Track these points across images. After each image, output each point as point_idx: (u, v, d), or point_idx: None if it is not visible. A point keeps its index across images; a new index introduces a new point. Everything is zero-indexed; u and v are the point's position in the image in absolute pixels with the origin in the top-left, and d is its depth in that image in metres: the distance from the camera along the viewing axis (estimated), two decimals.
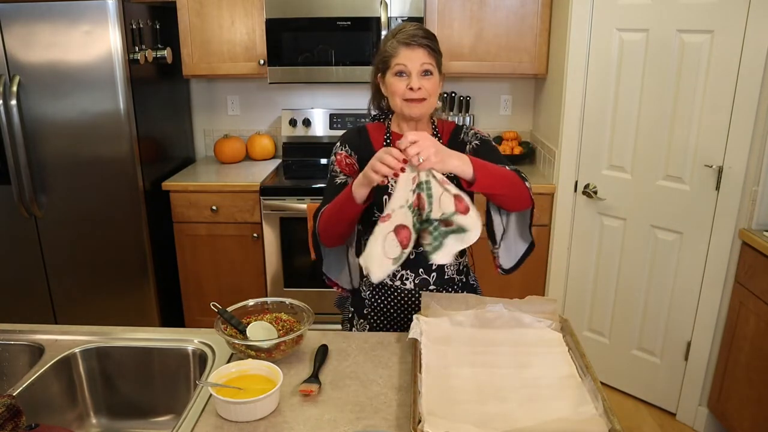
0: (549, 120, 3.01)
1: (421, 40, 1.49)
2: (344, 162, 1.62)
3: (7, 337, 1.50)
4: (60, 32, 2.60)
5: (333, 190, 1.59)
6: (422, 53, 1.49)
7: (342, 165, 1.62)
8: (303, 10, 2.93)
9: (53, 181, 2.78)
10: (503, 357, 1.34)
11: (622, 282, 2.73)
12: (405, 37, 1.50)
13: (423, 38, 1.50)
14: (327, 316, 3.04)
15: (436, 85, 1.54)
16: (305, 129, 3.39)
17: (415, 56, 1.49)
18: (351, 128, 1.72)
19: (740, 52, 2.21)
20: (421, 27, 1.54)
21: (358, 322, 1.70)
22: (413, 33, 1.50)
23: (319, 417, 1.19)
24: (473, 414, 1.14)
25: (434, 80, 1.52)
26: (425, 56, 1.50)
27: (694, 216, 2.45)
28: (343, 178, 1.61)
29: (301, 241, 2.94)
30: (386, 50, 1.53)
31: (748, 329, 2.27)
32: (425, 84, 1.50)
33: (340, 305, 1.82)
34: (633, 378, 2.80)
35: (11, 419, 1.07)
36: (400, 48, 1.50)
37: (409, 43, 1.49)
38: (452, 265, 1.65)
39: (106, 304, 2.95)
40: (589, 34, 2.58)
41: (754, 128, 2.22)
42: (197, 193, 2.97)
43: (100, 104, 2.68)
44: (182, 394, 1.47)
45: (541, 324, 1.45)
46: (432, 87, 1.52)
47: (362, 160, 1.58)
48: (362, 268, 1.67)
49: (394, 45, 1.51)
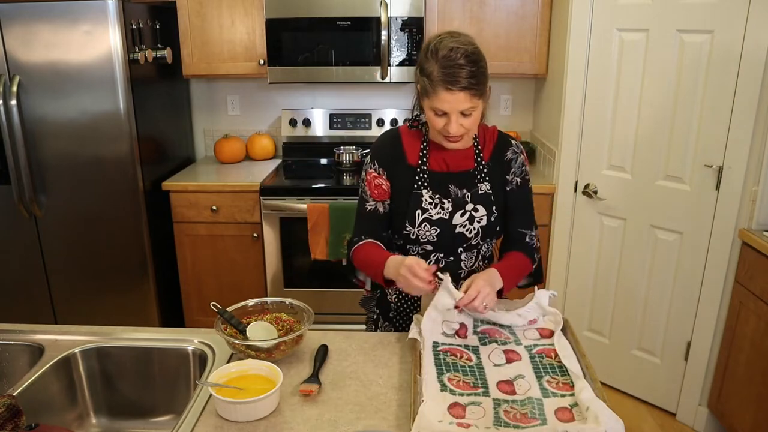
0: (549, 120, 3.01)
1: (464, 83, 1.33)
2: (373, 183, 1.55)
3: (7, 337, 1.50)
4: (60, 32, 2.60)
5: (364, 215, 1.57)
6: (464, 98, 1.35)
7: (371, 187, 1.55)
8: (303, 10, 2.93)
9: (53, 181, 2.78)
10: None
11: (622, 282, 2.73)
12: (447, 77, 1.33)
13: (467, 79, 1.33)
14: (327, 316, 3.05)
15: (477, 118, 1.42)
16: (305, 129, 3.39)
17: (456, 102, 1.35)
18: (384, 135, 1.61)
19: (740, 52, 2.21)
20: (468, 56, 1.35)
21: (383, 325, 1.69)
22: (457, 72, 1.33)
23: (319, 417, 1.19)
24: None
25: (476, 115, 1.41)
26: (467, 101, 1.35)
27: (694, 216, 2.45)
28: (373, 204, 1.56)
29: (301, 241, 2.94)
30: (425, 80, 1.38)
31: (748, 329, 2.27)
32: (464, 122, 1.39)
33: (365, 305, 1.80)
34: (633, 378, 2.80)
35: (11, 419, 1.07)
36: (440, 89, 1.35)
37: (450, 87, 1.34)
38: (481, 269, 1.61)
39: (106, 304, 2.95)
40: (589, 34, 2.58)
41: (754, 128, 2.22)
42: (197, 193, 2.97)
43: (100, 104, 2.68)
44: (182, 394, 1.47)
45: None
46: (472, 123, 1.41)
47: (394, 176, 1.54)
48: None
49: (435, 81, 1.35)
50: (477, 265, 1.61)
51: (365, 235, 1.56)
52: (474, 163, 1.55)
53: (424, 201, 1.52)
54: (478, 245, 1.58)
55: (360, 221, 1.58)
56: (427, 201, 1.52)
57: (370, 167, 1.56)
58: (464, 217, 1.52)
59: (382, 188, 1.55)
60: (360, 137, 3.37)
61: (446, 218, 1.52)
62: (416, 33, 2.94)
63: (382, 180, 1.55)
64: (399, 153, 1.55)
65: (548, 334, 1.41)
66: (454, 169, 1.54)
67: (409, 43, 2.95)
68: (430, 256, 1.57)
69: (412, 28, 2.93)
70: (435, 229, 1.52)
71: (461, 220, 1.52)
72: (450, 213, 1.52)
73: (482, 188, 1.54)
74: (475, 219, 1.53)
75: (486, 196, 1.54)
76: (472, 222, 1.53)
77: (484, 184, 1.54)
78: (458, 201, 1.52)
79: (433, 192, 1.52)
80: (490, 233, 1.56)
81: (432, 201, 1.52)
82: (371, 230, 1.57)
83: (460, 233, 1.53)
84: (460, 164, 1.55)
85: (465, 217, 1.52)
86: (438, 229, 1.52)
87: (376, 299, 1.72)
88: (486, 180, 1.54)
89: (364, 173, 1.58)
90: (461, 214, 1.52)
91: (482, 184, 1.54)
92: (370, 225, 1.57)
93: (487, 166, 1.55)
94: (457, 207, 1.52)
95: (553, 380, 1.23)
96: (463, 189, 1.53)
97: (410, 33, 2.94)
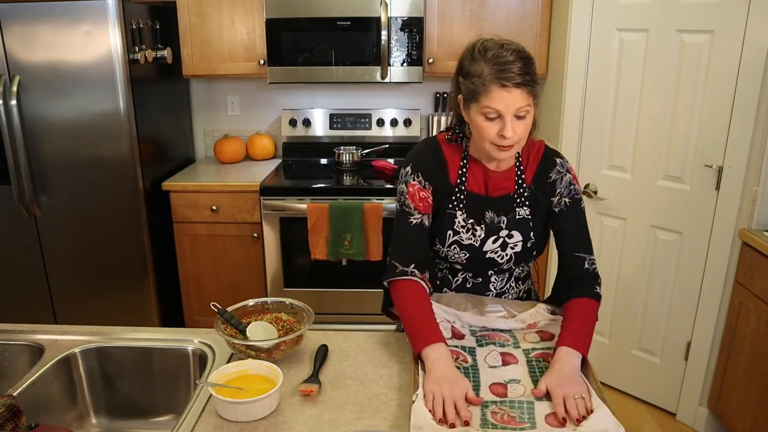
0: (549, 120, 3.01)
1: (518, 79, 1.24)
2: (418, 196, 1.43)
3: (7, 337, 1.49)
4: (60, 32, 2.60)
5: (409, 230, 1.43)
6: (519, 95, 1.25)
7: (416, 200, 1.43)
8: (303, 10, 2.93)
9: (53, 181, 2.78)
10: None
11: (622, 282, 2.73)
12: (500, 73, 1.24)
13: (522, 75, 1.25)
14: (327, 316, 3.05)
15: (529, 124, 1.31)
16: (305, 129, 3.39)
17: (511, 99, 1.25)
18: (422, 145, 1.49)
19: (740, 52, 2.21)
20: (518, 53, 1.27)
21: None
22: (509, 68, 1.24)
23: (319, 417, 1.19)
24: None
25: (529, 120, 1.30)
26: (523, 98, 1.26)
27: (694, 216, 2.45)
28: (419, 216, 1.43)
29: (301, 242, 2.94)
30: (474, 80, 1.28)
31: (748, 329, 2.27)
32: (518, 128, 1.28)
33: (389, 312, 1.64)
34: (633, 378, 2.80)
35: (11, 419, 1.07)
36: (493, 87, 1.25)
37: (504, 84, 1.24)
38: (510, 294, 1.55)
39: (106, 304, 2.95)
40: (589, 34, 2.58)
41: (754, 128, 2.22)
42: (197, 193, 2.97)
43: (100, 104, 2.68)
44: (182, 394, 1.47)
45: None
46: (525, 129, 1.31)
47: (437, 190, 1.44)
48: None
49: (487, 80, 1.26)
50: (508, 286, 1.55)
51: (410, 255, 1.42)
52: (514, 185, 1.45)
53: (457, 223, 1.44)
54: (510, 269, 1.52)
55: (403, 237, 1.44)
56: (459, 224, 1.44)
57: (412, 179, 1.44)
58: (496, 244, 1.44)
59: (428, 201, 1.44)
60: (360, 137, 3.37)
61: (476, 245, 1.44)
62: (416, 33, 2.94)
63: (427, 193, 1.44)
64: (442, 167, 1.45)
65: (548, 336, 1.40)
66: (492, 193, 1.45)
67: (409, 43, 2.95)
68: (457, 275, 1.53)
69: (412, 28, 2.93)
70: (464, 254, 1.46)
71: (493, 246, 1.44)
72: (482, 240, 1.44)
73: (520, 213, 1.44)
74: (508, 245, 1.45)
75: (524, 222, 1.44)
76: (504, 248, 1.45)
77: (523, 209, 1.44)
78: (492, 227, 1.44)
79: (467, 216, 1.44)
80: (525, 259, 1.49)
81: (465, 225, 1.44)
82: (418, 246, 1.44)
83: (490, 258, 1.46)
84: (499, 186, 1.45)
85: (497, 243, 1.44)
86: (467, 254, 1.46)
87: None
88: (526, 205, 1.44)
89: (404, 185, 1.45)
90: (494, 240, 1.44)
91: (521, 209, 1.44)
92: (417, 240, 1.44)
93: (528, 189, 1.44)
94: (489, 233, 1.44)
95: None
96: (500, 214, 1.43)
97: (410, 33, 2.94)
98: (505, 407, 1.15)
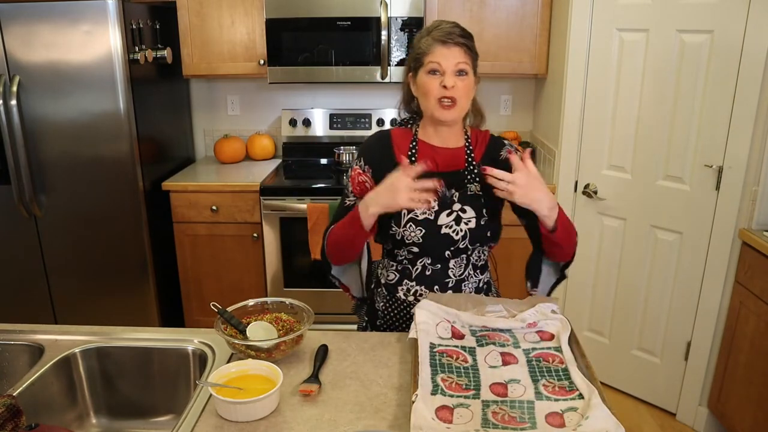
0: (549, 120, 3.02)
1: (457, 38, 1.43)
2: (357, 180, 1.54)
3: (7, 337, 1.49)
4: (60, 32, 2.60)
5: (341, 211, 1.54)
6: (458, 52, 1.42)
7: (354, 183, 1.54)
8: (303, 10, 2.93)
9: (53, 181, 2.78)
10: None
11: (622, 282, 2.73)
12: (441, 35, 1.43)
13: (460, 36, 1.43)
14: (327, 316, 3.05)
15: (470, 87, 1.46)
16: (305, 129, 3.39)
17: (451, 54, 1.42)
18: (374, 134, 1.62)
19: (740, 52, 2.21)
20: (458, 25, 1.47)
21: None
22: (450, 30, 1.43)
23: (319, 417, 1.19)
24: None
25: (469, 82, 1.45)
26: (461, 55, 1.43)
27: (694, 216, 2.45)
28: (353, 199, 1.53)
29: (301, 241, 2.94)
30: (420, 47, 1.46)
31: (748, 329, 2.27)
32: (459, 84, 1.43)
33: (357, 312, 1.79)
34: (633, 378, 2.80)
35: (11, 419, 1.07)
36: (435, 45, 1.43)
37: (445, 41, 1.42)
38: (470, 283, 1.58)
39: (106, 304, 2.95)
40: (589, 34, 2.59)
41: (754, 128, 2.22)
42: (197, 193, 2.97)
43: (100, 104, 2.68)
44: (182, 394, 1.47)
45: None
46: (466, 88, 1.45)
47: (380, 172, 1.49)
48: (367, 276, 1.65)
49: (429, 42, 1.44)
50: (467, 273, 1.57)
51: None
52: (464, 163, 1.53)
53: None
54: (466, 250, 1.54)
55: (337, 215, 1.55)
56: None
57: (355, 164, 1.56)
58: (450, 218, 1.49)
59: (365, 185, 1.52)
60: (360, 137, 3.37)
61: (431, 218, 1.49)
62: (416, 33, 2.93)
63: (366, 177, 1.53)
64: (387, 151, 1.54)
65: (549, 337, 1.40)
66: (443, 169, 1.52)
67: (409, 43, 2.95)
68: (416, 262, 1.55)
69: (412, 28, 2.93)
70: (420, 230, 1.49)
71: (447, 220, 1.49)
72: (435, 212, 1.49)
73: (471, 189, 1.51)
74: (462, 220, 1.49)
75: (476, 198, 1.50)
76: (458, 223, 1.49)
77: (473, 185, 1.51)
78: (445, 201, 1.49)
79: None
80: (479, 238, 1.52)
81: None
82: None
83: (446, 234, 1.49)
84: (449, 164, 1.53)
85: (451, 217, 1.49)
86: (423, 230, 1.49)
87: (366, 307, 1.71)
88: (476, 181, 1.51)
89: (350, 170, 1.57)
90: (447, 214, 1.49)
91: (471, 185, 1.51)
92: None
93: (477, 166, 1.52)
94: (443, 207, 1.49)
95: (549, 384, 1.22)
96: (452, 189, 1.50)
97: (410, 33, 2.94)
98: (506, 407, 1.15)
